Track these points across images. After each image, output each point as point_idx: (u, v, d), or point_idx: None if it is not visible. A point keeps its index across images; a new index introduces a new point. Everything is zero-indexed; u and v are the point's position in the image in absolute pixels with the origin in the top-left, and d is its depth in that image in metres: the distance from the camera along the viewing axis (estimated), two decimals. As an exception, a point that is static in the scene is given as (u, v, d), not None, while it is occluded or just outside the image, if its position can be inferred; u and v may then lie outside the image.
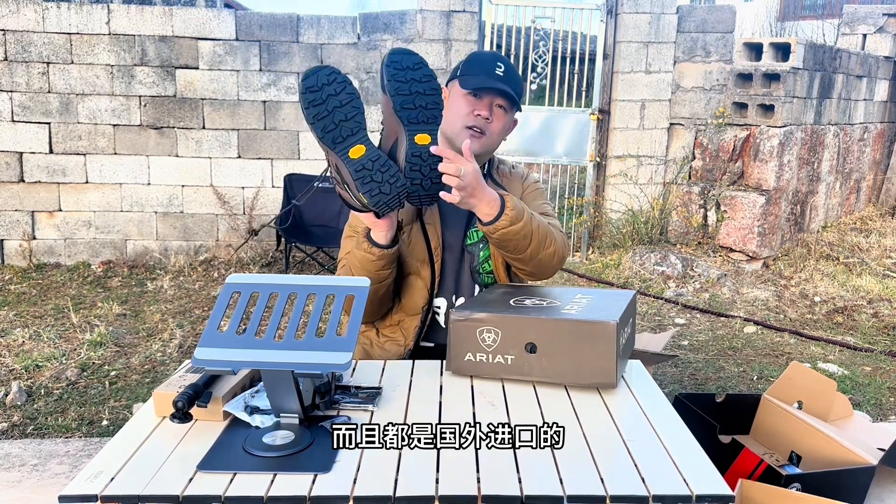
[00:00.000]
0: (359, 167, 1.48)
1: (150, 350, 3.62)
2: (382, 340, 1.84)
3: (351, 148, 1.49)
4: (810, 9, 12.41)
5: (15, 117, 4.99)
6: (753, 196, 5.30)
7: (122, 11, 4.96)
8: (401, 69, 1.55)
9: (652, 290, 4.80)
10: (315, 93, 1.48)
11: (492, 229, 1.62)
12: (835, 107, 6.13)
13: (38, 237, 5.17)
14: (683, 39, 5.48)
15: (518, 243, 1.66)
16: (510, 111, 1.79)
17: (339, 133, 1.49)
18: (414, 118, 1.54)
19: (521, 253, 1.69)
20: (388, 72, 1.55)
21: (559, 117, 5.62)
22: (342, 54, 5.15)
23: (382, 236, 1.62)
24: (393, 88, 1.54)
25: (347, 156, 1.48)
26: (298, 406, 1.21)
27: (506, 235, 1.63)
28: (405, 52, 1.58)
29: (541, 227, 1.70)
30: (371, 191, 1.48)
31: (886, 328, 4.22)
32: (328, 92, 1.48)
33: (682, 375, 3.45)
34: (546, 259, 1.72)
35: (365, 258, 1.64)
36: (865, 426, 2.29)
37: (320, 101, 1.48)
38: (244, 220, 5.24)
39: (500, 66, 1.75)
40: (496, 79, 1.73)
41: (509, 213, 1.61)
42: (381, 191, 1.49)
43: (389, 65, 1.55)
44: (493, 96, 1.74)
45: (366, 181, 1.48)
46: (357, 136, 1.49)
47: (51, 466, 2.40)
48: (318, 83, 1.48)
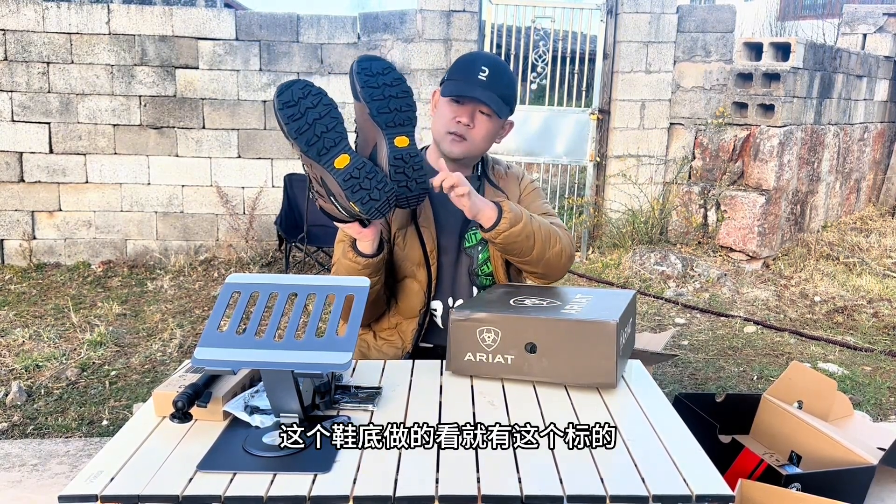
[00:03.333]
0: (346, 176, 1.48)
1: (150, 350, 3.62)
2: (380, 343, 1.84)
3: (335, 158, 1.49)
4: (810, 8, 12.41)
5: (15, 117, 4.99)
6: (753, 196, 5.30)
7: (122, 11, 4.96)
8: (371, 75, 1.57)
9: (652, 289, 4.80)
10: (292, 107, 1.47)
11: (494, 234, 1.63)
12: (835, 107, 6.13)
13: (38, 237, 5.17)
14: (683, 39, 5.48)
15: (522, 245, 1.66)
16: (495, 116, 1.74)
17: (322, 145, 1.49)
18: (391, 121, 1.55)
19: (528, 255, 1.69)
20: (360, 79, 1.56)
21: (559, 117, 5.62)
22: (342, 54, 5.15)
23: (367, 245, 1.63)
24: (367, 95, 1.55)
25: (333, 166, 1.49)
26: (298, 406, 1.21)
27: (508, 238, 1.64)
28: (373, 59, 1.59)
29: (542, 226, 1.70)
30: (362, 198, 1.49)
31: (886, 328, 4.22)
32: (305, 105, 1.48)
33: (682, 375, 3.45)
34: (554, 259, 1.73)
35: (351, 267, 1.64)
36: (865, 426, 2.29)
37: (299, 115, 1.47)
38: (245, 219, 5.24)
39: (484, 70, 1.70)
40: (477, 84, 1.69)
41: (507, 215, 1.62)
42: (371, 197, 1.49)
43: (360, 72, 1.57)
44: (474, 103, 1.72)
45: (355, 189, 1.48)
46: (340, 145, 1.50)
47: (51, 466, 2.40)
48: (293, 98, 1.48)
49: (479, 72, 1.70)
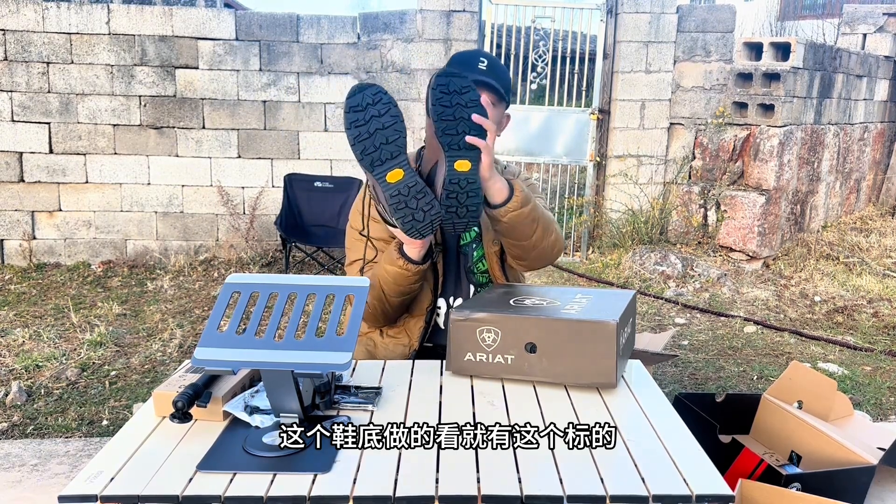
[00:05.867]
0: (394, 192, 1.47)
1: (150, 350, 3.62)
2: (387, 342, 1.84)
3: (389, 172, 1.47)
4: (810, 8, 12.41)
5: (15, 117, 4.99)
6: (753, 196, 5.30)
7: (122, 11, 4.96)
8: (447, 93, 1.52)
9: (652, 289, 4.80)
10: (358, 112, 1.46)
11: (503, 211, 1.62)
12: (835, 106, 6.13)
13: (38, 237, 5.17)
14: (683, 39, 5.48)
15: (525, 228, 1.66)
16: (499, 104, 1.77)
17: (378, 156, 1.47)
18: (455, 144, 1.52)
19: (527, 239, 1.69)
20: (434, 95, 1.52)
21: (559, 117, 5.62)
22: (342, 54, 5.15)
23: (416, 252, 1.63)
24: (436, 113, 1.51)
25: (385, 180, 1.47)
26: (298, 406, 1.21)
27: (516, 218, 1.63)
28: (453, 75, 1.54)
29: (545, 214, 1.71)
30: (403, 217, 1.48)
31: (886, 328, 4.21)
32: (372, 113, 1.46)
33: (682, 375, 3.45)
34: (548, 248, 1.74)
35: (399, 274, 1.65)
36: (865, 426, 2.29)
37: (363, 121, 1.46)
38: (245, 219, 5.24)
39: (483, 61, 1.74)
40: (480, 73, 1.72)
41: (519, 194, 1.62)
42: (413, 217, 1.48)
43: (436, 87, 1.53)
44: (479, 89, 1.72)
45: (399, 207, 1.47)
46: (396, 160, 1.48)
47: (51, 466, 2.40)
48: (362, 102, 1.46)
49: (478, 63, 1.73)
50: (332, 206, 4.81)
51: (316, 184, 4.91)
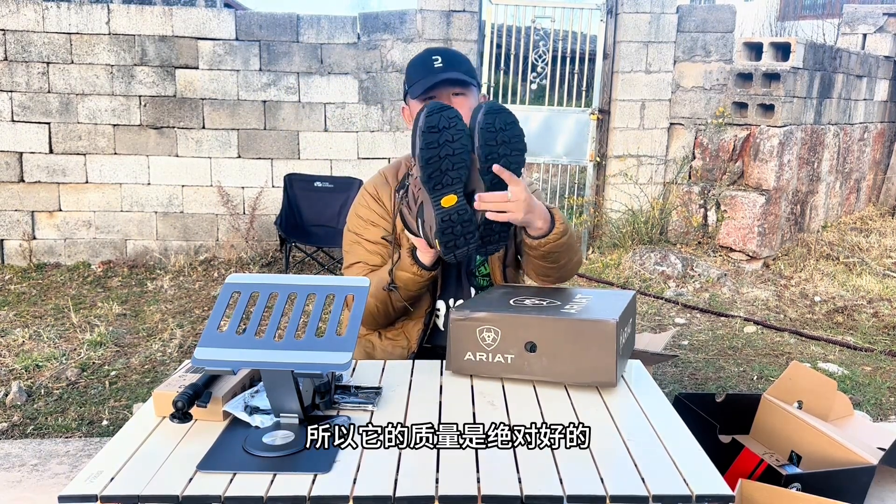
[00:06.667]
0: (445, 216, 1.52)
1: (150, 350, 3.62)
2: (385, 343, 1.84)
3: (445, 196, 1.51)
4: (810, 8, 12.41)
5: (15, 117, 4.99)
6: (753, 196, 5.30)
7: (121, 11, 4.96)
8: (493, 131, 1.53)
9: (652, 289, 4.80)
10: (434, 134, 1.49)
11: (542, 242, 1.63)
12: (835, 106, 6.13)
13: (38, 237, 5.17)
14: (683, 39, 5.48)
15: (561, 255, 1.68)
16: (470, 92, 1.74)
17: (440, 180, 1.51)
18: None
19: (559, 262, 1.71)
20: (482, 135, 1.53)
21: (559, 117, 5.62)
22: (342, 54, 5.15)
23: (429, 258, 1.65)
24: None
25: (439, 203, 1.52)
26: (298, 406, 1.21)
27: (555, 248, 1.65)
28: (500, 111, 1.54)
29: (574, 235, 1.72)
30: (447, 241, 1.53)
31: (886, 328, 4.21)
32: (446, 137, 1.50)
33: (682, 375, 3.45)
34: (574, 267, 1.77)
35: (412, 280, 1.67)
36: (865, 426, 2.29)
37: (436, 144, 1.49)
38: (245, 219, 5.24)
39: (436, 58, 1.72)
40: (438, 71, 1.70)
41: (559, 226, 1.62)
42: (455, 244, 1.53)
43: (483, 128, 1.53)
44: (445, 88, 1.71)
45: (446, 231, 1.52)
46: (454, 186, 1.52)
47: (51, 466, 2.40)
48: (439, 124, 1.49)
49: (432, 62, 1.72)
50: (332, 206, 4.81)
51: (316, 184, 4.91)
